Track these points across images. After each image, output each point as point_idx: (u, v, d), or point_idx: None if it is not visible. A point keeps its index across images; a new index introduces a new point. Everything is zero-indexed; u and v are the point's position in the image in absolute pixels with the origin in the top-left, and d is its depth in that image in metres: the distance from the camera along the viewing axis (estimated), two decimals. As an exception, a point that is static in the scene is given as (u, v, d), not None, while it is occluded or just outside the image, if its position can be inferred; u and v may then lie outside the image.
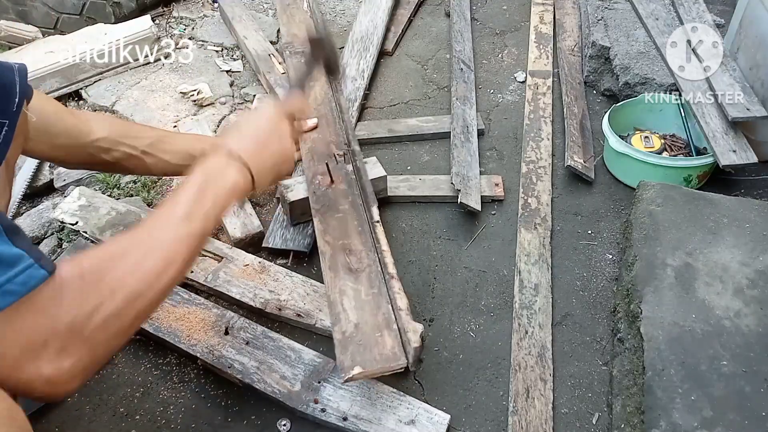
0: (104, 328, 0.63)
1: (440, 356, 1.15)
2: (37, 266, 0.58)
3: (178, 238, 0.72)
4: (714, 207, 1.22)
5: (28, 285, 0.57)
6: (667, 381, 0.96)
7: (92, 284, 0.63)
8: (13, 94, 0.75)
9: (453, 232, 1.39)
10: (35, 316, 0.58)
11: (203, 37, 2.05)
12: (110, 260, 0.66)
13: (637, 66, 1.65)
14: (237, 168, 0.82)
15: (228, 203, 0.81)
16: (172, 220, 0.73)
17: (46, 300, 0.59)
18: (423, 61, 1.93)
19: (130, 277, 0.66)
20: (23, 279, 0.57)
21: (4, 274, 0.55)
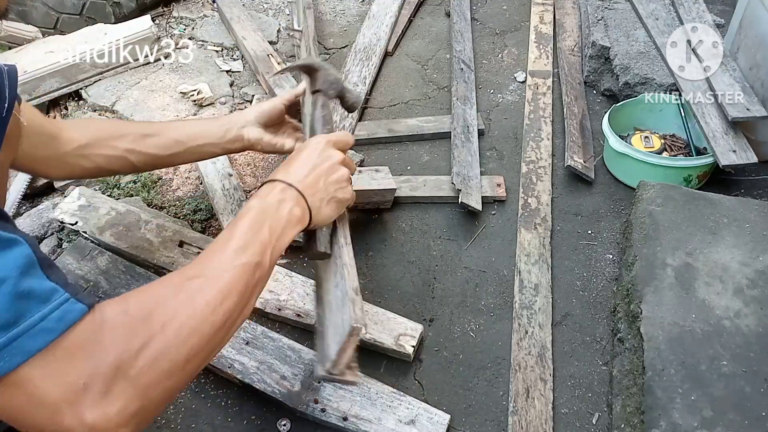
0: (153, 367, 0.56)
1: (440, 356, 1.15)
2: (73, 300, 0.53)
3: (232, 269, 0.67)
4: (714, 207, 1.22)
5: (66, 321, 0.52)
6: (667, 381, 0.96)
7: (139, 320, 0.57)
8: (2, 98, 0.72)
9: (453, 232, 1.39)
10: (74, 356, 0.52)
11: (203, 37, 2.05)
12: (159, 294, 0.61)
13: (637, 66, 1.65)
14: (292, 198, 0.80)
15: (287, 235, 0.77)
16: (226, 252, 0.69)
17: (86, 337, 0.53)
18: (423, 61, 1.93)
19: (182, 310, 0.60)
20: (59, 314, 0.52)
21: (38, 310, 0.50)
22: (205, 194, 1.46)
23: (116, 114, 1.76)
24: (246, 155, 1.61)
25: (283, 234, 0.76)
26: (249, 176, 1.55)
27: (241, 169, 1.56)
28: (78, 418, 0.51)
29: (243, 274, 0.67)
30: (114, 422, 0.53)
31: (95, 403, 0.52)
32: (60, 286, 0.53)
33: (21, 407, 0.50)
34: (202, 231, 1.40)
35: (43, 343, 0.50)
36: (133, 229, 1.29)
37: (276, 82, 1.73)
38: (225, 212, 1.38)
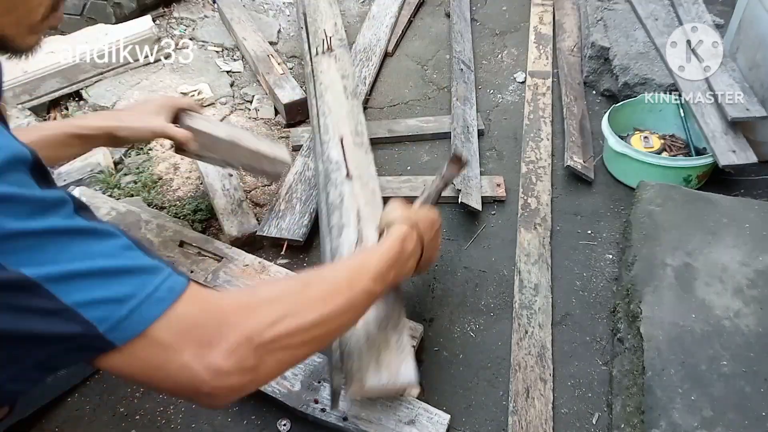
0: (277, 342, 0.61)
1: (440, 356, 1.15)
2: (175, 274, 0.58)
3: (364, 291, 0.73)
4: (714, 207, 1.22)
5: (175, 291, 0.56)
6: (667, 381, 0.96)
7: (264, 299, 0.63)
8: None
9: (453, 232, 1.39)
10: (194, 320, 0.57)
11: (203, 38, 2.05)
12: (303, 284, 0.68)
13: (636, 66, 1.65)
14: (418, 252, 0.89)
15: (398, 281, 0.87)
16: (366, 274, 0.75)
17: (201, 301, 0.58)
18: (423, 62, 1.94)
19: (320, 302, 0.66)
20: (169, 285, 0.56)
21: (150, 281, 0.55)
22: (205, 194, 1.46)
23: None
24: (246, 155, 1.61)
25: (397, 278, 0.84)
26: (249, 176, 1.55)
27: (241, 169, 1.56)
28: (205, 366, 0.55)
29: (367, 300, 0.75)
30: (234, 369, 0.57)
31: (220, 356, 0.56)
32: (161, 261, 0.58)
33: (150, 366, 0.55)
34: (203, 231, 1.40)
35: (159, 311, 0.54)
36: (133, 229, 1.29)
37: (276, 83, 1.73)
38: (225, 212, 1.38)
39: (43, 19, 0.61)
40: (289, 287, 0.68)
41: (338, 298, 0.69)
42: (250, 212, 1.38)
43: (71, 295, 0.50)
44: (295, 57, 2.00)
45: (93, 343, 0.52)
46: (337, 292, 0.69)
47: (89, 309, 0.50)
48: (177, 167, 1.57)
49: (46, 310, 0.49)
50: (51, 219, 0.50)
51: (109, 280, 0.52)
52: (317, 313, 0.65)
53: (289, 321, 0.62)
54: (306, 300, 0.66)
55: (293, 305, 0.64)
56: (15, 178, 0.49)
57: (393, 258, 0.80)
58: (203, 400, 0.58)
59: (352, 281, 0.72)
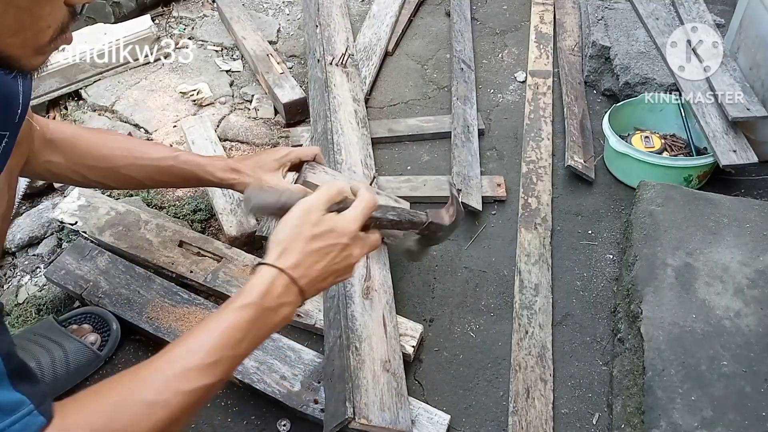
0: None
1: (440, 356, 1.14)
2: (36, 413, 0.54)
3: (192, 392, 0.62)
4: (714, 207, 1.22)
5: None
6: (667, 381, 0.95)
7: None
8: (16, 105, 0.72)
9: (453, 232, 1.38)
10: None
11: (203, 37, 2.05)
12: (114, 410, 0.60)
13: (637, 66, 1.65)
14: (293, 300, 0.71)
15: (265, 338, 0.71)
16: (194, 368, 0.63)
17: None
18: (423, 61, 1.93)
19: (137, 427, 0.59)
20: (20, 428, 0.53)
21: (1, 421, 0.52)
22: (204, 194, 1.46)
23: (116, 114, 1.76)
24: (245, 155, 1.61)
25: (262, 339, 0.70)
26: (249, 176, 1.55)
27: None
28: None
29: (202, 398, 0.64)
30: None
31: None
32: (26, 396, 0.54)
33: None
34: (202, 231, 1.39)
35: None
36: (132, 229, 1.29)
37: (276, 82, 1.73)
38: (224, 212, 1.38)
39: (51, 40, 0.60)
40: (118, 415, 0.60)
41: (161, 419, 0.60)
42: (249, 212, 1.38)
43: None
44: (294, 56, 1.99)
45: None
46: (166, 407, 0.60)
47: None
48: (177, 167, 1.57)
49: None
50: None
51: None
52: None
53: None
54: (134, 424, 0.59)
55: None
56: None
57: (243, 328, 0.66)
58: None
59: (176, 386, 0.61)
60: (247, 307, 0.67)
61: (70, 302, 1.25)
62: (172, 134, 1.68)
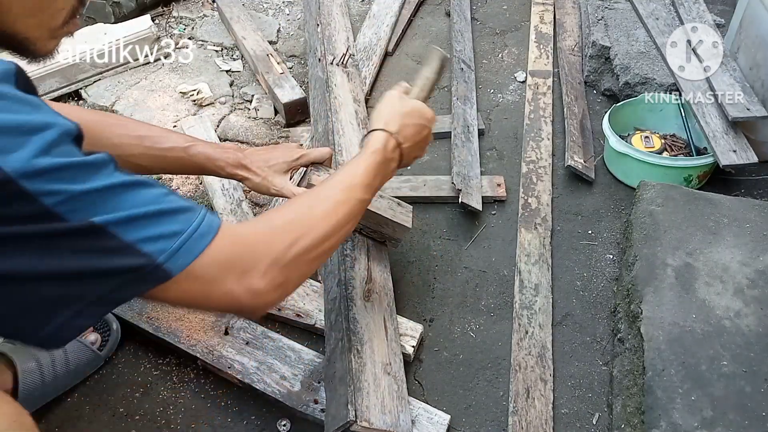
0: (298, 259, 0.72)
1: (440, 356, 1.14)
2: (210, 213, 0.66)
3: (358, 201, 0.83)
4: (714, 207, 1.22)
5: (214, 227, 0.65)
6: (667, 381, 0.95)
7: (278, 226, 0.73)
8: None
9: (453, 232, 1.39)
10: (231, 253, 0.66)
11: (203, 37, 2.05)
12: (294, 209, 0.78)
13: (637, 66, 1.65)
14: (397, 158, 0.94)
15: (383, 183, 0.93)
16: (356, 186, 0.84)
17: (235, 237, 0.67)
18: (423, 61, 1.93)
19: (323, 221, 0.77)
20: (208, 222, 0.65)
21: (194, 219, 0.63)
22: (205, 194, 1.46)
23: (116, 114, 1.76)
24: (246, 155, 1.61)
25: (382, 184, 0.92)
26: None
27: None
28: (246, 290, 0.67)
29: (360, 208, 0.85)
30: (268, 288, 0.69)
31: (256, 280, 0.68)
32: (196, 204, 0.66)
33: (199, 293, 0.64)
34: (202, 231, 1.39)
35: (203, 244, 0.63)
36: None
37: (276, 82, 1.73)
38: (225, 212, 1.38)
39: (64, 23, 0.65)
40: (297, 212, 0.78)
41: (338, 212, 0.79)
42: (249, 212, 1.38)
43: (130, 234, 0.58)
44: (294, 56, 1.99)
45: (152, 274, 0.60)
46: (336, 208, 0.80)
47: (147, 244, 0.59)
48: (177, 167, 1.57)
49: (110, 248, 0.57)
50: (103, 178, 0.58)
51: (159, 220, 0.60)
52: (324, 229, 0.76)
53: (303, 241, 0.73)
54: (313, 220, 0.76)
55: (304, 227, 0.75)
56: (67, 150, 0.57)
57: (375, 168, 0.88)
58: (245, 314, 0.75)
59: (347, 196, 0.82)
60: (376, 152, 0.89)
61: (70, 302, 1.25)
62: (172, 134, 1.68)
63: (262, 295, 0.68)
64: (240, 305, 0.68)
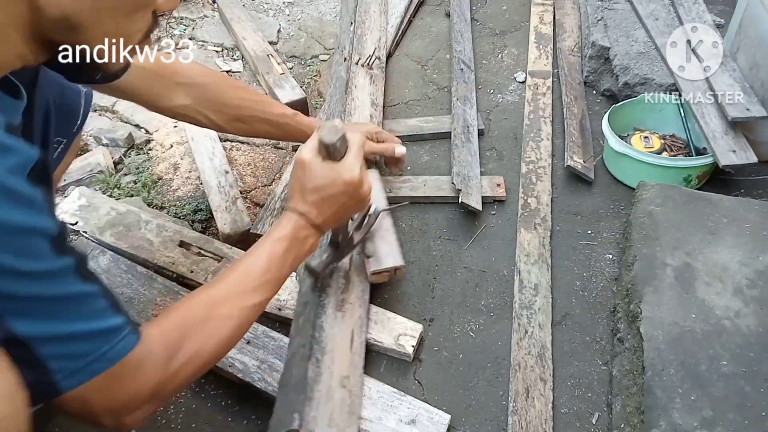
0: (179, 384, 0.70)
1: (440, 356, 1.15)
2: (131, 333, 0.63)
3: (252, 307, 0.78)
4: (714, 207, 1.22)
5: (124, 351, 0.62)
6: (666, 381, 0.96)
7: (175, 349, 0.69)
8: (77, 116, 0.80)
9: (453, 232, 1.39)
10: (122, 379, 0.63)
11: (203, 38, 2.05)
12: (191, 328, 0.72)
13: (636, 66, 1.65)
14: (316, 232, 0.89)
15: (296, 267, 0.88)
16: (248, 291, 0.78)
17: (132, 365, 0.63)
18: (423, 62, 1.93)
19: (208, 344, 0.73)
20: (122, 345, 0.62)
21: (108, 342, 0.61)
22: (205, 195, 1.46)
23: (117, 114, 1.76)
24: (246, 155, 1.61)
25: (297, 264, 0.87)
26: (249, 176, 1.55)
27: (241, 169, 1.57)
28: (115, 420, 0.65)
29: (257, 311, 0.80)
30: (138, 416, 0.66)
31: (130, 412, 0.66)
32: (124, 316, 0.63)
33: (72, 408, 0.62)
34: (203, 231, 1.40)
35: (101, 368, 0.60)
36: (133, 229, 1.29)
37: (276, 83, 1.73)
38: (219, 209, 1.38)
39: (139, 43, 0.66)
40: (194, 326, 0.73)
41: (231, 321, 0.75)
42: (244, 210, 1.38)
43: (45, 350, 0.57)
44: (295, 57, 2.00)
45: (45, 390, 0.58)
46: (230, 316, 0.75)
47: (54, 362, 0.57)
48: (177, 167, 1.58)
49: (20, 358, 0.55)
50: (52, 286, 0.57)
51: (78, 341, 0.59)
52: (216, 344, 0.73)
53: (193, 364, 0.70)
54: (207, 337, 0.73)
55: (197, 345, 0.71)
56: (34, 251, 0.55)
57: (282, 256, 0.83)
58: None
59: (241, 303, 0.77)
60: (281, 239, 0.84)
61: (70, 302, 1.25)
62: (172, 134, 1.68)
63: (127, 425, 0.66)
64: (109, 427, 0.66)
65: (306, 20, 2.15)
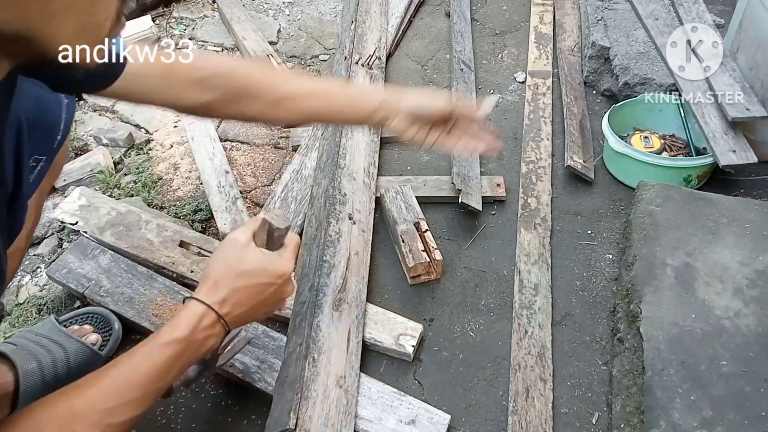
0: None
1: (440, 356, 1.15)
2: None
3: (127, 421, 0.66)
4: (714, 207, 1.22)
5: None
6: (666, 381, 0.96)
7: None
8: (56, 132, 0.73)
9: (453, 232, 1.39)
10: None
11: (203, 38, 2.05)
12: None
13: (636, 66, 1.65)
14: (219, 332, 0.75)
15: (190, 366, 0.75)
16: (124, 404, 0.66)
17: None
18: (423, 62, 1.93)
19: None
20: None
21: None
22: (205, 195, 1.46)
23: (117, 114, 1.76)
24: (246, 155, 1.61)
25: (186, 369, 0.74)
26: (249, 176, 1.55)
27: (241, 169, 1.57)
28: None
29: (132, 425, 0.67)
30: None
31: None
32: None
33: None
34: (203, 231, 1.40)
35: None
36: (133, 229, 1.29)
37: (276, 83, 1.73)
38: (219, 209, 1.38)
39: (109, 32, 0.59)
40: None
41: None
42: (244, 210, 1.38)
43: None
44: (295, 57, 2.00)
45: None
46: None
47: None
48: (177, 167, 1.58)
49: None
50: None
51: None
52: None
53: None
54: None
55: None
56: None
57: (167, 365, 0.70)
58: None
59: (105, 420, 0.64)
60: (174, 342, 0.70)
61: (70, 302, 1.25)
62: (172, 134, 1.68)
63: None
64: None
65: (306, 20, 2.16)
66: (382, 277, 1.28)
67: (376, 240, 1.36)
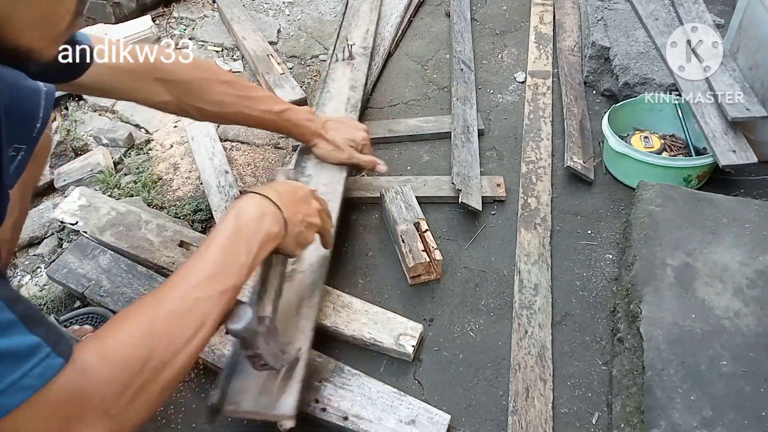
0: (133, 404, 0.61)
1: (440, 356, 1.15)
2: (54, 354, 0.56)
3: (209, 299, 0.69)
4: (714, 207, 1.22)
5: (46, 376, 0.55)
6: (666, 381, 0.96)
7: (118, 365, 0.61)
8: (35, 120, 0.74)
9: (453, 232, 1.39)
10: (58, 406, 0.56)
11: (203, 38, 2.05)
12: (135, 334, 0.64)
13: (636, 66, 1.65)
14: (272, 214, 0.81)
15: (263, 250, 0.78)
16: (201, 280, 0.70)
17: (67, 388, 0.56)
18: (423, 62, 1.94)
19: (158, 349, 0.64)
20: (40, 371, 0.54)
21: (19, 368, 0.53)
22: (204, 195, 1.46)
23: (117, 114, 1.76)
24: (246, 155, 1.61)
25: (260, 252, 0.77)
26: (249, 176, 1.55)
27: (241, 169, 1.57)
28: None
29: (219, 303, 0.70)
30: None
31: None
32: (42, 339, 0.55)
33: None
34: (203, 231, 1.40)
35: (21, 399, 0.53)
36: (133, 229, 1.29)
37: (276, 83, 1.73)
38: (219, 209, 1.38)
39: (68, 27, 0.61)
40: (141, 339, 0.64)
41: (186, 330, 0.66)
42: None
43: None
44: (294, 57, 2.00)
45: None
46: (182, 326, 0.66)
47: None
48: (177, 167, 1.58)
49: None
50: None
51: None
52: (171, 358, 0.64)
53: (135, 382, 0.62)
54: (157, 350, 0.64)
55: (147, 361, 0.63)
56: None
57: (230, 238, 0.75)
58: None
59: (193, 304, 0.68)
60: (227, 224, 0.76)
61: (70, 302, 1.25)
62: (172, 134, 1.68)
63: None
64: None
65: (306, 20, 2.16)
66: (382, 277, 1.28)
67: (377, 240, 1.36)
